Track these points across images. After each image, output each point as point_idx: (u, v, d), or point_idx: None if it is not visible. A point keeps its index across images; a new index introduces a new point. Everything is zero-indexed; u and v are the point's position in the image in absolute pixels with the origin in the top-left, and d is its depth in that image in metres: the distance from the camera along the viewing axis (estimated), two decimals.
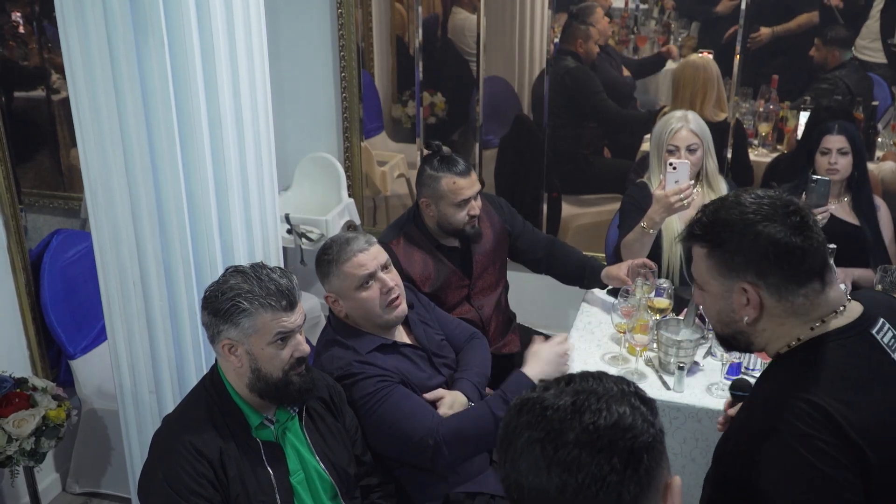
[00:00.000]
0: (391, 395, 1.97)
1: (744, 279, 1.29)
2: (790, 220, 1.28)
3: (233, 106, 2.02)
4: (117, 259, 2.02)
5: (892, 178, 3.14)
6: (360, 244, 2.05)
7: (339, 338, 2.07)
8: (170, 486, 1.64)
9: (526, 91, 3.49)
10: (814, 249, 1.28)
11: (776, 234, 1.26)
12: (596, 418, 0.91)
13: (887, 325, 1.32)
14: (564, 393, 0.95)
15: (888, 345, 1.30)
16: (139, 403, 2.14)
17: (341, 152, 3.64)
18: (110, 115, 1.88)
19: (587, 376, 0.98)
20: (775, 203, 1.29)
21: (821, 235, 1.30)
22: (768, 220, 1.27)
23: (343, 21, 3.43)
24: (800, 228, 1.27)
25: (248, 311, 1.67)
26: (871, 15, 3.06)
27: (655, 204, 2.52)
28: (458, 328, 2.35)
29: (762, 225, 1.27)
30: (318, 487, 1.82)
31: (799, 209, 1.30)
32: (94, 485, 2.84)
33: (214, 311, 1.69)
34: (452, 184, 2.49)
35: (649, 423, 0.93)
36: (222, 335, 1.69)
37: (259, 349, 1.69)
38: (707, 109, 3.22)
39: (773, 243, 1.26)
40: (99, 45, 1.83)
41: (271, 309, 1.68)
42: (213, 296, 1.70)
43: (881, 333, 1.30)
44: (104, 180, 1.95)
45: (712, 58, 3.25)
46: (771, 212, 1.28)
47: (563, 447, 0.90)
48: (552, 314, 2.95)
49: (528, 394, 0.98)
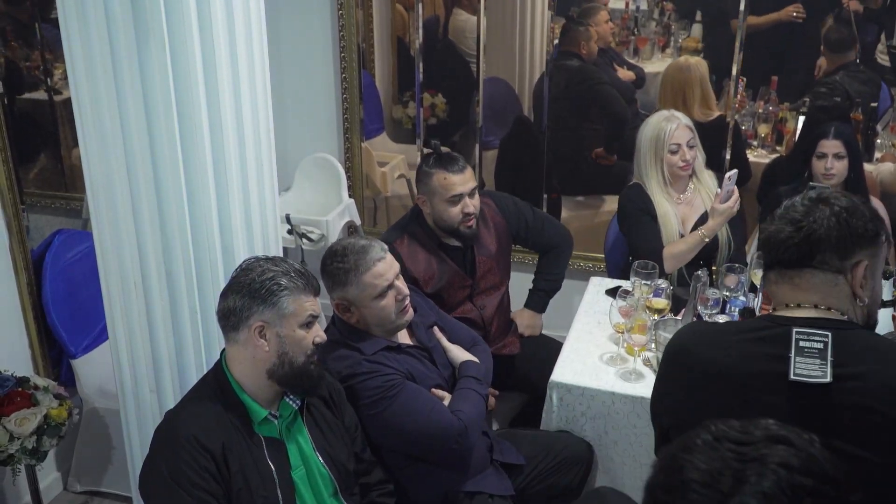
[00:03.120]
0: (404, 391, 2.00)
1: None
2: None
3: (233, 107, 2.03)
4: (118, 259, 2.03)
5: (891, 180, 3.15)
6: (377, 253, 2.05)
7: (344, 339, 2.08)
8: (172, 479, 1.66)
9: (527, 92, 3.50)
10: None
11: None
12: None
13: (826, 338, 1.38)
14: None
15: (801, 347, 1.39)
16: (140, 402, 2.15)
17: (342, 153, 3.65)
18: (112, 116, 1.89)
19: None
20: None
21: (803, 229, 1.42)
22: (847, 211, 1.46)
23: (344, 22, 3.44)
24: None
25: (288, 290, 1.73)
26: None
27: (718, 216, 2.64)
28: (460, 333, 2.36)
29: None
30: (318, 483, 1.85)
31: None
32: (95, 484, 2.85)
33: (250, 293, 1.72)
34: (444, 179, 2.52)
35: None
36: (255, 317, 1.72)
37: (291, 331, 1.74)
38: (693, 109, 3.24)
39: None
40: (101, 46, 1.84)
41: (304, 291, 1.76)
42: (248, 279, 1.74)
43: (803, 336, 1.39)
44: (105, 181, 1.96)
45: (701, 58, 3.25)
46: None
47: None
48: (553, 315, 2.95)
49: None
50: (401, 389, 2.00)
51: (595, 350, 2.46)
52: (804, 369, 1.37)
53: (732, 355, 1.45)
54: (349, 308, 2.07)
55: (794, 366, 1.38)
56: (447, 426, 2.00)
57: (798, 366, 1.38)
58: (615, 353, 2.42)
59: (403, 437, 2.01)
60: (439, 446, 2.03)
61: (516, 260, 3.40)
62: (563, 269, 2.88)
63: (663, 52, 3.52)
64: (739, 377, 1.44)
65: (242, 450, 1.74)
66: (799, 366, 1.38)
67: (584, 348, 2.48)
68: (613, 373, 2.35)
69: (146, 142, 1.91)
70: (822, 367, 1.37)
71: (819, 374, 1.36)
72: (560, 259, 2.86)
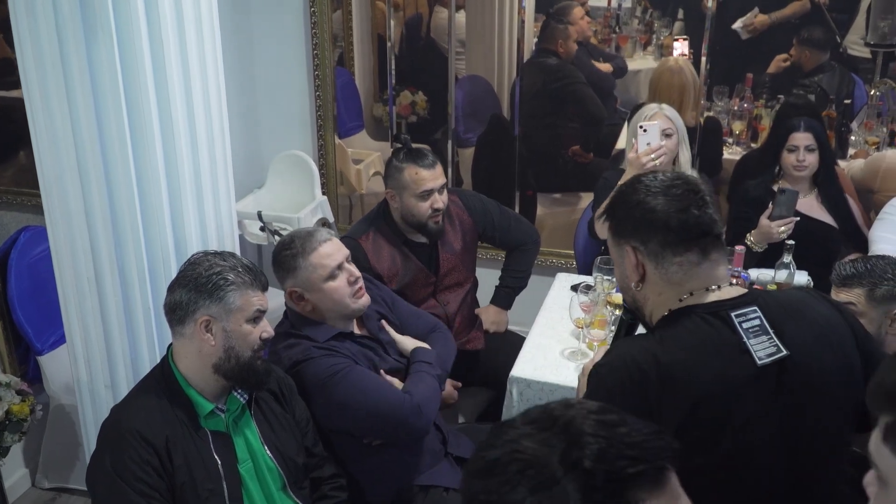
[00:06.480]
0: (353, 372, 2.00)
1: (629, 243, 1.42)
2: (672, 192, 1.37)
3: (184, 102, 2.03)
4: (72, 256, 2.04)
5: (861, 176, 3.14)
6: (323, 235, 2.08)
7: (294, 330, 2.09)
8: (115, 472, 1.67)
9: (505, 90, 3.50)
10: (692, 221, 1.36)
11: (656, 204, 1.37)
12: None
13: (757, 314, 1.36)
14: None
15: (746, 329, 1.34)
16: (96, 398, 2.16)
17: (315, 150, 3.65)
18: (62, 113, 1.90)
19: None
20: (665, 179, 1.40)
21: (709, 210, 1.38)
22: (652, 193, 1.38)
23: (316, 20, 3.44)
24: (680, 199, 1.36)
25: (234, 285, 1.74)
26: (860, 11, 3.06)
27: (629, 167, 2.57)
28: (419, 320, 2.36)
29: (645, 195, 1.38)
30: (266, 477, 1.85)
31: (685, 183, 1.39)
32: (62, 480, 2.85)
33: (197, 287, 1.73)
34: (415, 174, 2.52)
35: None
36: (201, 311, 1.73)
37: (237, 326, 1.75)
38: (686, 113, 3.23)
39: (650, 211, 1.37)
40: (49, 41, 1.85)
41: (252, 287, 1.77)
42: (195, 273, 1.75)
43: (742, 318, 1.35)
44: (57, 178, 1.97)
45: (690, 60, 3.25)
46: (657, 186, 1.39)
47: None
48: (520, 311, 2.95)
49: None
50: (350, 370, 1.98)
51: (557, 345, 2.46)
52: (762, 350, 1.34)
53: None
54: (302, 296, 2.07)
55: (754, 350, 1.33)
56: (399, 403, 1.97)
57: (757, 349, 1.34)
58: (576, 349, 2.42)
59: (355, 418, 1.98)
60: (392, 425, 1.98)
61: (487, 257, 3.40)
62: (529, 266, 2.88)
63: (645, 49, 3.52)
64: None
65: (187, 443, 1.74)
66: (757, 349, 1.34)
67: (546, 343, 2.47)
68: (574, 367, 2.35)
69: (96, 138, 1.92)
70: (771, 341, 1.34)
71: (776, 350, 1.34)
72: (526, 257, 2.86)
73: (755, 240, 2.71)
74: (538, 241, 2.91)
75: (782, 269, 2.54)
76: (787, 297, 1.48)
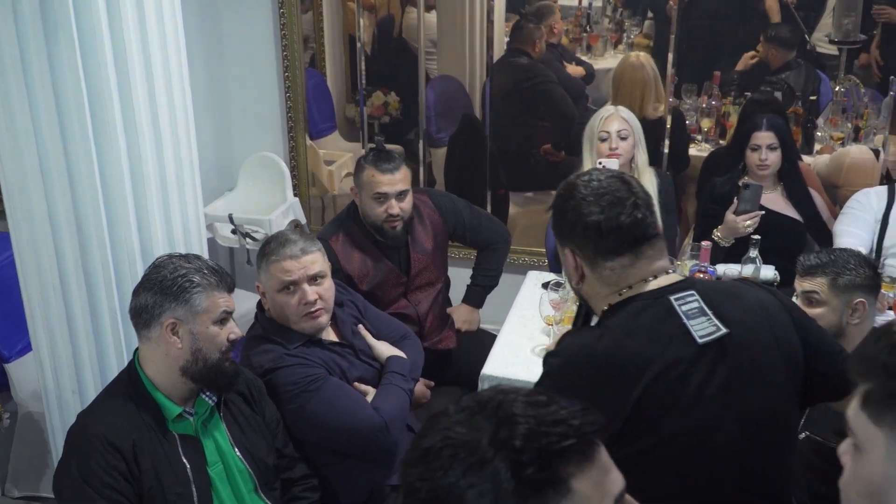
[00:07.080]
0: (325, 385, 2.00)
1: (567, 246, 1.46)
2: (603, 200, 1.39)
3: (148, 104, 2.02)
4: (36, 262, 2.02)
5: (827, 171, 3.18)
6: (293, 250, 2.05)
7: (267, 334, 2.09)
8: (82, 478, 1.65)
9: (477, 90, 3.51)
10: (624, 227, 1.39)
11: (588, 213, 1.40)
12: None
13: (695, 297, 1.39)
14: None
15: (685, 312, 1.38)
16: (63, 404, 2.13)
17: (286, 152, 3.64)
18: (23, 115, 1.88)
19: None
20: (597, 185, 1.41)
21: (639, 213, 1.40)
22: (586, 201, 1.40)
23: (285, 21, 3.43)
24: (611, 207, 1.39)
25: (200, 287, 1.73)
26: (827, 9, 3.11)
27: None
28: (389, 327, 2.36)
29: (579, 202, 1.41)
30: (236, 479, 1.84)
31: (617, 189, 1.40)
32: (32, 488, 2.81)
33: (162, 290, 1.72)
34: (371, 176, 2.53)
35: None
36: (167, 314, 1.72)
37: (204, 328, 1.74)
38: (648, 106, 3.26)
39: (582, 219, 1.40)
40: (10, 43, 1.83)
41: (218, 288, 1.76)
42: (159, 276, 1.74)
43: (681, 301, 1.39)
44: (19, 181, 1.95)
45: (650, 55, 3.28)
46: (590, 195, 1.41)
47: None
48: (492, 309, 2.97)
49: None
50: (322, 383, 2.00)
51: (527, 343, 2.47)
52: (702, 329, 1.37)
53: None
54: (265, 294, 2.10)
55: (694, 331, 1.36)
56: (368, 422, 2.00)
57: (697, 329, 1.37)
58: (547, 346, 2.43)
59: (324, 431, 2.01)
60: (360, 442, 2.03)
61: (459, 256, 3.41)
62: (500, 265, 2.89)
63: (615, 48, 3.55)
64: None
65: (154, 448, 1.73)
66: (697, 329, 1.37)
67: (517, 341, 2.49)
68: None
69: (59, 140, 1.90)
70: (710, 321, 1.37)
71: (715, 329, 1.37)
72: (497, 255, 2.87)
73: (722, 235, 2.74)
74: (509, 240, 2.93)
75: (749, 263, 2.57)
76: (723, 284, 1.56)
